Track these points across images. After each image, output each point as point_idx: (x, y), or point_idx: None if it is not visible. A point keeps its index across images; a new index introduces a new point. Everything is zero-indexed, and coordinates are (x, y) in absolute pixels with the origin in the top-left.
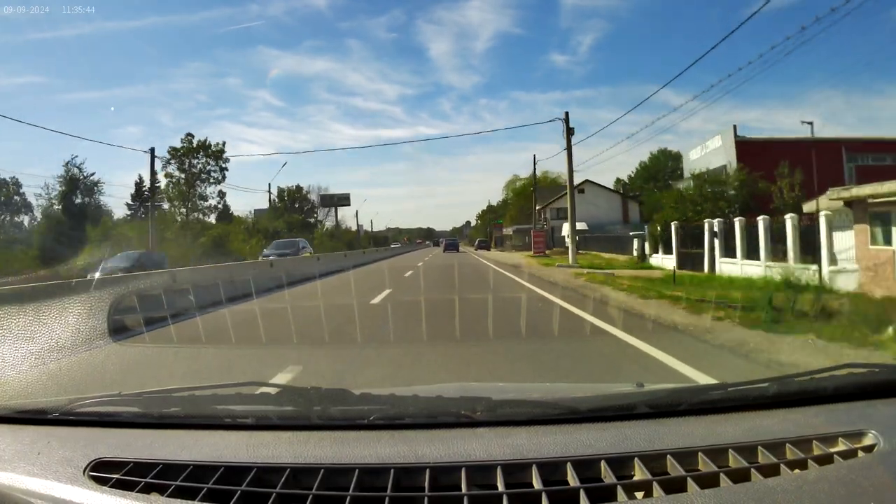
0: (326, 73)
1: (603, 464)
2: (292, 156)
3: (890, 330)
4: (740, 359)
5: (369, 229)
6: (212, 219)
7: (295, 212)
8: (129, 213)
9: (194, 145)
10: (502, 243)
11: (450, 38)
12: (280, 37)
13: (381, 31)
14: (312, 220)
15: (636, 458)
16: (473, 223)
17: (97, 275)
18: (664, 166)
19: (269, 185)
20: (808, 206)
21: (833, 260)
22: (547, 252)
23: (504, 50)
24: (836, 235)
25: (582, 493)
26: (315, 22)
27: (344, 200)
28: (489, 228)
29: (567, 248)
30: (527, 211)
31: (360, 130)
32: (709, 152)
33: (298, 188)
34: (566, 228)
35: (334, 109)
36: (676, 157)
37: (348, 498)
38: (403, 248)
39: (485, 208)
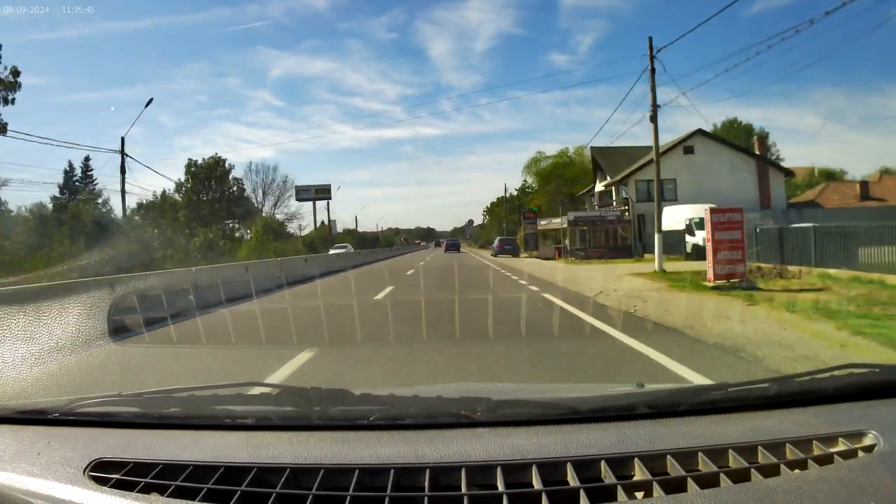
0: (326, 74)
1: (603, 464)
2: (294, 156)
3: None
4: None
5: (351, 227)
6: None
7: (216, 196)
8: None
9: None
10: (535, 245)
11: (450, 38)
12: (280, 37)
13: (381, 32)
14: (243, 209)
15: (636, 458)
16: (478, 221)
17: None
18: (734, 139)
19: (122, 140)
20: None
21: None
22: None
23: (504, 50)
24: None
25: (582, 493)
26: (315, 22)
27: (324, 193)
28: (504, 224)
29: (687, 253)
30: (562, 198)
31: (360, 130)
32: None
33: (219, 161)
34: (672, 214)
35: (335, 109)
36: (749, 130)
37: (348, 498)
38: (397, 249)
39: (494, 201)
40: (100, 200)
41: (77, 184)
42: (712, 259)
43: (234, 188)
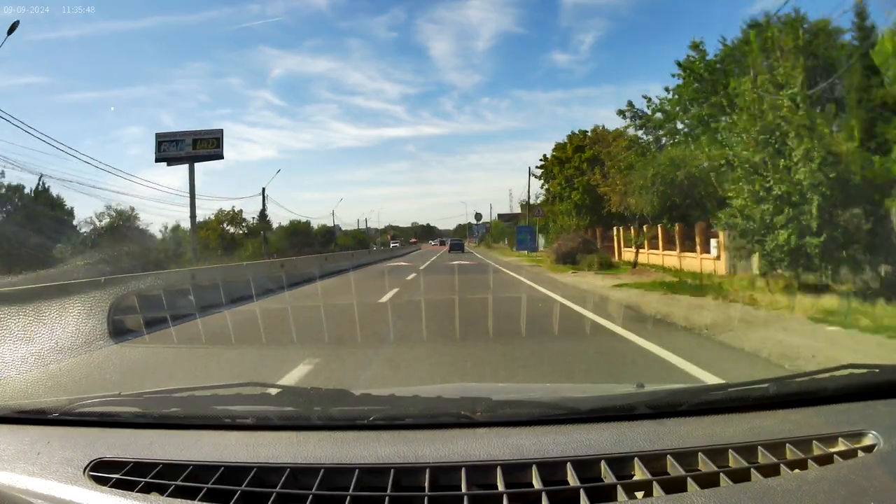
0: (328, 73)
1: (603, 464)
2: (295, 155)
3: None
4: None
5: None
6: None
7: None
8: None
9: None
10: None
11: (451, 37)
12: (281, 36)
13: (382, 31)
14: None
15: (636, 458)
16: (502, 207)
17: None
18: None
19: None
20: None
21: None
22: None
23: (505, 49)
24: None
25: (582, 493)
26: (316, 21)
27: (208, 146)
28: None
29: None
30: None
31: (361, 130)
32: None
33: None
34: None
35: (336, 109)
36: None
37: (348, 498)
38: (352, 258)
39: (563, 141)
40: None
41: None
42: None
43: None
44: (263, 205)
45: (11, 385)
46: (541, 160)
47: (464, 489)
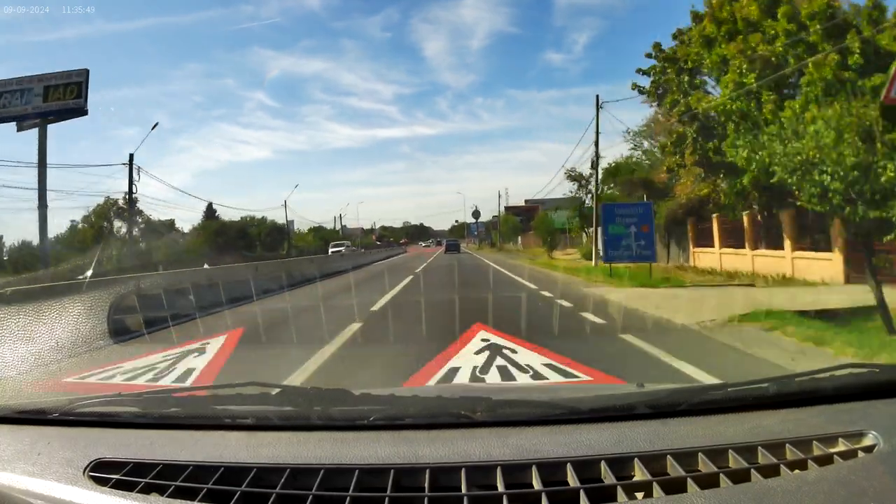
0: (322, 74)
1: (603, 464)
2: (289, 156)
3: None
4: None
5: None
6: None
7: None
8: None
9: None
10: None
11: (445, 36)
12: (275, 37)
13: (375, 31)
14: None
15: (636, 459)
16: (532, 192)
17: None
18: None
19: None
20: None
21: None
22: None
23: (500, 48)
24: None
25: (582, 494)
26: (310, 22)
27: (65, 94)
28: None
29: None
30: None
31: (356, 130)
32: None
33: None
34: None
35: (330, 109)
36: None
37: (348, 498)
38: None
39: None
40: None
41: None
42: None
43: None
44: (130, 180)
45: (11, 385)
46: (650, 55)
47: (464, 490)
